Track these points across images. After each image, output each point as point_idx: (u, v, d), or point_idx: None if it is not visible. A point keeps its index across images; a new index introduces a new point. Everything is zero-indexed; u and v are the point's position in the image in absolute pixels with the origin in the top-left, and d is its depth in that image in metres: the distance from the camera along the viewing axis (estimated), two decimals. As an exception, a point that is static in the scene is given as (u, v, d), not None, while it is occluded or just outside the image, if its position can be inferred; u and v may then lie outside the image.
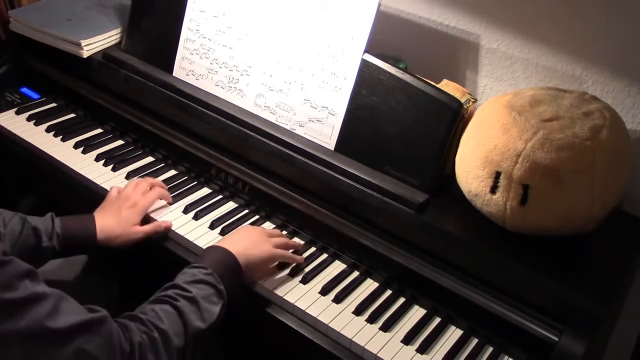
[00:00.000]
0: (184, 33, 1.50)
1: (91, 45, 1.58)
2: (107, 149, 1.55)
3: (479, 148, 1.14)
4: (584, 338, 1.03)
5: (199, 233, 1.32)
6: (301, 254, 1.29)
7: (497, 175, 1.11)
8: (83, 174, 1.45)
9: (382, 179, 1.26)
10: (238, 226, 1.35)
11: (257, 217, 1.38)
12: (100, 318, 0.91)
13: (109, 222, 1.26)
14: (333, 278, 1.25)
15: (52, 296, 0.86)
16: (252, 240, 1.20)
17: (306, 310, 1.17)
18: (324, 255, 1.31)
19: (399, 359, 1.11)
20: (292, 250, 1.28)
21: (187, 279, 1.07)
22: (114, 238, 1.25)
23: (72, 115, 1.66)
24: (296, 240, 1.32)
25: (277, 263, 1.25)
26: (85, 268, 1.36)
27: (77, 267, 1.36)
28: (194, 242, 1.29)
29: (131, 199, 1.31)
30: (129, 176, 1.46)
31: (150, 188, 1.36)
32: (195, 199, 1.41)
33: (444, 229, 1.19)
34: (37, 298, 0.84)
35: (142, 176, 1.45)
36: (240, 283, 1.16)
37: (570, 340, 1.03)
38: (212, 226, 1.34)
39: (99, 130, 1.61)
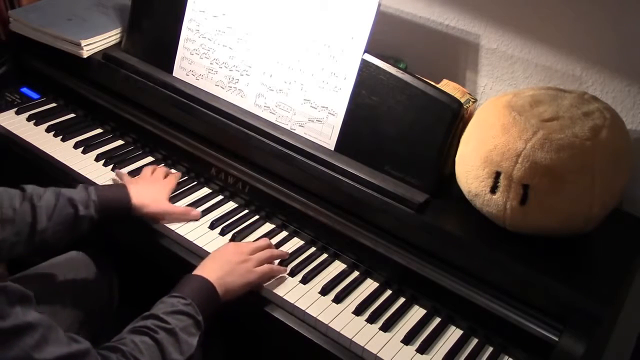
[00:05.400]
0: (184, 33, 1.50)
1: (91, 45, 1.58)
2: (107, 149, 1.55)
3: (479, 148, 1.14)
4: (584, 338, 1.03)
5: (199, 233, 1.32)
6: (287, 264, 1.27)
7: (497, 175, 1.11)
8: (83, 174, 1.45)
9: (382, 179, 1.26)
10: (238, 226, 1.35)
11: (257, 217, 1.38)
12: (84, 350, 0.91)
13: (142, 190, 1.32)
14: (333, 278, 1.25)
15: (40, 326, 0.85)
16: (231, 264, 1.17)
17: (306, 310, 1.17)
18: (324, 255, 1.31)
19: (399, 359, 1.11)
20: (278, 262, 1.26)
21: (167, 309, 1.06)
22: (145, 206, 1.29)
23: (72, 115, 1.66)
24: (282, 250, 1.30)
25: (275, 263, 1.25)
26: (86, 267, 1.36)
27: (78, 266, 1.36)
28: (194, 242, 1.29)
29: (156, 177, 1.40)
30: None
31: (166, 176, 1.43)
32: (195, 199, 1.41)
33: (444, 229, 1.20)
34: (26, 328, 0.84)
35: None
36: (218, 309, 1.14)
37: (570, 340, 1.03)
38: (212, 226, 1.34)
39: (99, 130, 1.61)
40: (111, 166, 1.48)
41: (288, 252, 1.29)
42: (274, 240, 1.32)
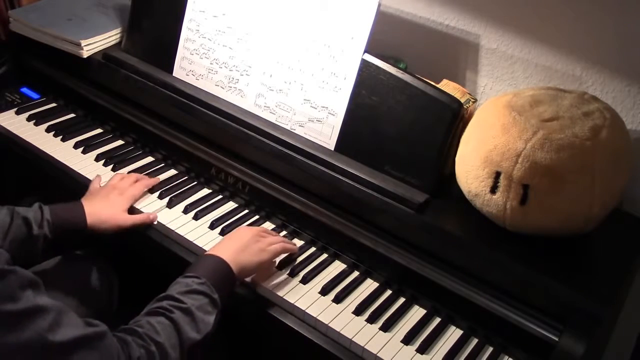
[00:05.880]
0: (184, 33, 1.50)
1: (91, 45, 1.58)
2: (107, 149, 1.55)
3: (479, 148, 1.14)
4: (584, 338, 1.03)
5: (199, 233, 1.32)
6: (297, 256, 1.28)
7: (497, 175, 1.11)
8: (83, 174, 1.45)
9: (382, 179, 1.26)
10: (238, 226, 1.34)
11: (257, 217, 1.38)
12: (100, 333, 0.91)
13: (98, 207, 1.29)
14: (333, 278, 1.25)
15: (53, 309, 0.86)
16: (244, 243, 1.18)
17: (306, 310, 1.17)
18: (324, 255, 1.31)
19: (399, 359, 1.11)
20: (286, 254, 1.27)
21: (181, 289, 1.06)
22: (102, 222, 1.27)
23: (72, 115, 1.66)
24: (294, 241, 1.31)
25: (277, 262, 1.25)
26: (86, 268, 1.36)
27: (78, 267, 1.36)
28: (194, 242, 1.29)
29: (119, 188, 1.35)
30: (129, 176, 1.46)
31: (136, 182, 1.40)
32: (195, 199, 1.41)
33: (444, 229, 1.19)
34: (39, 310, 0.84)
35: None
36: (234, 288, 1.15)
37: (570, 340, 1.03)
38: (212, 226, 1.34)
39: (99, 130, 1.61)
40: (111, 166, 1.48)
41: (297, 246, 1.29)
42: (274, 240, 1.32)
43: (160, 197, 1.40)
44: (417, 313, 1.21)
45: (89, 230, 1.26)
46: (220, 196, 1.43)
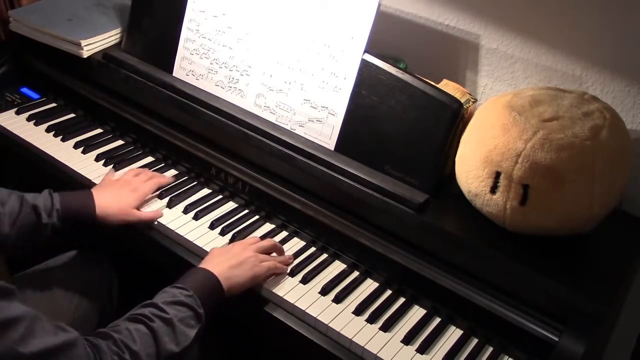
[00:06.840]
0: (184, 33, 1.50)
1: (91, 45, 1.58)
2: (107, 149, 1.55)
3: (479, 148, 1.14)
4: (584, 338, 1.03)
5: (199, 233, 1.32)
6: (289, 264, 1.26)
7: (497, 175, 1.11)
8: (83, 174, 1.46)
9: (382, 179, 1.26)
10: (238, 226, 1.35)
11: (257, 217, 1.38)
12: (72, 340, 0.90)
13: (108, 199, 1.29)
14: (333, 278, 1.25)
15: (25, 318, 0.84)
16: (238, 258, 1.17)
17: (306, 310, 1.17)
18: (324, 255, 1.31)
19: (399, 359, 1.11)
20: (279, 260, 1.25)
21: (167, 299, 1.05)
22: (110, 216, 1.27)
23: (72, 115, 1.66)
24: (288, 254, 1.29)
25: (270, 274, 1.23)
26: (86, 267, 1.36)
27: (78, 266, 1.36)
28: (194, 242, 1.29)
29: (132, 184, 1.35)
30: (129, 176, 1.46)
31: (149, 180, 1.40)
32: (195, 199, 1.41)
33: (444, 229, 1.19)
34: (9, 322, 0.82)
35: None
36: (222, 304, 1.13)
37: (570, 340, 1.03)
38: (212, 226, 1.34)
39: (99, 130, 1.61)
40: (111, 166, 1.48)
41: (292, 257, 1.28)
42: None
43: (160, 197, 1.40)
44: (417, 313, 1.21)
45: (97, 221, 1.26)
46: (220, 196, 1.43)
